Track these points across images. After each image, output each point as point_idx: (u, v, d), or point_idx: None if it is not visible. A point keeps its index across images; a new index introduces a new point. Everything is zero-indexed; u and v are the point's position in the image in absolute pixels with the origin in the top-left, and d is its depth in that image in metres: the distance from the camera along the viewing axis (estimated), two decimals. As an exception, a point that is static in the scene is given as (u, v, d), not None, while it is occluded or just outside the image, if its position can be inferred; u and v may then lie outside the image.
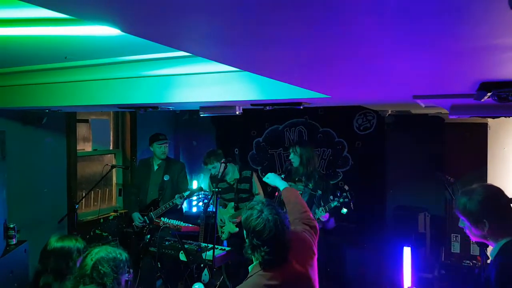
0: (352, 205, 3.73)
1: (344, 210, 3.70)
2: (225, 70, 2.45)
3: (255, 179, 4.64)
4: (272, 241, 1.86)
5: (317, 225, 2.27)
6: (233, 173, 4.57)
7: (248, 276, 1.97)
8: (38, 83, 3.30)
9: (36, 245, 3.84)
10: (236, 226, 4.49)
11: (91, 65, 2.65)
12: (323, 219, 3.81)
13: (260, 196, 4.59)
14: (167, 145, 4.82)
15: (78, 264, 2.34)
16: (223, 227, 4.61)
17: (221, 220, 4.60)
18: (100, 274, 1.85)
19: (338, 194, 3.74)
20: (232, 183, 4.56)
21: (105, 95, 3.13)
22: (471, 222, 1.96)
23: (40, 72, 2.95)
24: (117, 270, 1.88)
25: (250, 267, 2.01)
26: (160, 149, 4.75)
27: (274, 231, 1.86)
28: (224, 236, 4.62)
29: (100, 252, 1.91)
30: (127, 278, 1.95)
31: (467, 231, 2.02)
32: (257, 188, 4.61)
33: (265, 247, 1.86)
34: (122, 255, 1.97)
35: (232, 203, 4.55)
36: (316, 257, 2.10)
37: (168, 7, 0.83)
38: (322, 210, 3.77)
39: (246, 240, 1.95)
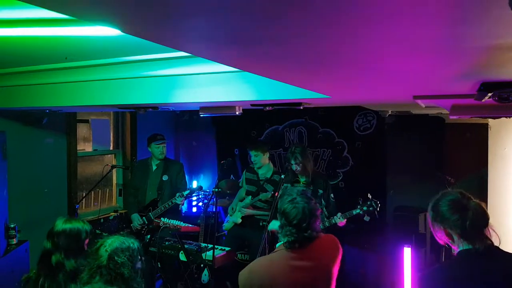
0: (377, 214, 3.68)
1: (367, 218, 3.67)
2: (225, 71, 2.45)
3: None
4: (297, 224, 2.06)
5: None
6: (266, 171, 4.58)
7: (273, 251, 2.21)
8: (38, 84, 3.30)
9: (36, 245, 3.84)
10: (242, 218, 4.51)
11: (91, 65, 2.65)
12: (340, 225, 3.75)
13: None
14: (165, 145, 4.81)
15: (85, 247, 2.43)
16: (231, 216, 4.64)
17: (232, 208, 4.64)
18: (117, 264, 1.86)
19: (360, 202, 3.67)
20: (261, 179, 4.57)
21: (105, 95, 3.13)
22: None
23: (40, 72, 2.95)
24: (132, 259, 1.90)
25: (277, 245, 2.25)
26: (158, 149, 4.75)
27: (301, 215, 2.06)
28: (228, 226, 4.64)
29: (114, 242, 1.93)
30: (140, 267, 1.96)
31: None
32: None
33: (291, 227, 2.06)
34: (135, 244, 1.99)
35: (250, 197, 4.54)
36: (337, 266, 2.22)
37: (168, 7, 0.83)
38: (341, 216, 3.71)
39: (278, 222, 2.17)
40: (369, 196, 3.67)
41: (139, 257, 1.97)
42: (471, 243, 1.81)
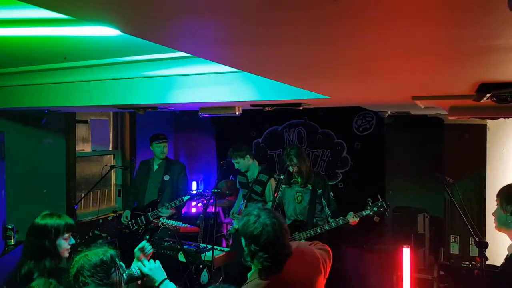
0: (387, 214, 3.63)
1: (377, 218, 3.63)
2: (224, 71, 2.45)
3: (271, 185, 4.62)
4: (271, 246, 1.80)
5: (330, 251, 2.21)
6: (253, 172, 4.61)
7: (245, 283, 1.90)
8: (37, 84, 3.29)
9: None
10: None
11: (90, 65, 2.65)
12: (352, 224, 3.71)
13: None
14: (167, 145, 4.83)
15: (62, 245, 2.25)
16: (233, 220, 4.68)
17: (232, 213, 4.70)
18: (80, 285, 1.78)
19: (370, 203, 3.63)
20: (250, 180, 4.58)
21: (104, 95, 3.13)
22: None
23: (39, 72, 2.95)
24: (100, 275, 1.79)
25: (248, 274, 1.95)
26: (159, 149, 4.77)
27: (272, 235, 1.80)
28: (231, 230, 4.67)
29: (80, 259, 1.83)
30: (117, 276, 1.87)
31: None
32: (270, 195, 4.60)
33: (263, 252, 1.80)
34: (107, 253, 1.86)
35: (237, 204, 4.60)
36: (323, 276, 2.02)
37: (167, 7, 0.83)
38: (355, 216, 3.66)
39: (245, 248, 1.89)
40: (379, 197, 3.63)
41: (114, 266, 1.85)
42: None
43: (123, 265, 1.94)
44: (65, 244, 2.29)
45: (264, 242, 1.79)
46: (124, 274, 1.93)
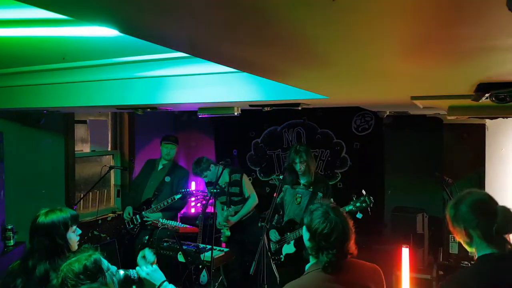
0: (370, 211, 3.47)
1: (360, 215, 3.45)
2: (223, 71, 2.45)
3: (245, 181, 4.61)
4: (340, 243, 1.87)
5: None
6: (224, 177, 4.55)
7: (306, 273, 1.95)
8: (36, 84, 3.29)
9: (34, 246, 3.83)
10: (229, 229, 4.48)
11: (89, 66, 2.65)
12: None
13: (253, 196, 4.59)
14: (174, 147, 4.84)
15: (72, 238, 2.21)
16: (222, 230, 4.59)
17: (219, 223, 4.57)
18: None
19: (354, 198, 3.51)
20: (223, 186, 4.56)
21: (103, 96, 3.13)
22: None
23: (38, 73, 2.95)
24: (84, 282, 1.75)
25: (307, 266, 1.99)
26: (166, 150, 4.81)
27: (342, 235, 1.88)
28: (224, 239, 4.60)
29: (64, 268, 1.79)
30: (104, 277, 1.84)
31: None
32: (247, 190, 4.61)
33: (333, 249, 1.86)
34: (91, 258, 1.82)
35: (225, 207, 4.55)
36: None
37: (166, 7, 0.83)
38: None
39: (310, 243, 1.93)
40: (363, 192, 3.49)
41: (98, 271, 1.82)
42: (495, 248, 1.74)
43: (112, 267, 1.90)
44: (74, 236, 2.27)
45: (334, 240, 1.86)
46: (114, 278, 1.90)
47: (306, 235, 1.96)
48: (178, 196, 4.48)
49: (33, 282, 2.12)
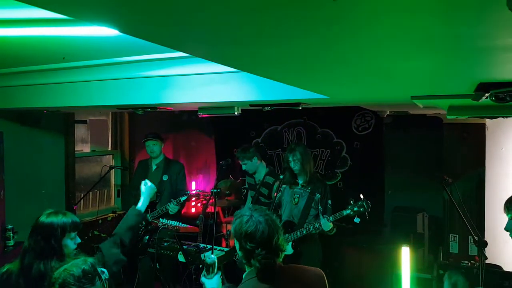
0: (367, 215, 3.49)
1: (357, 219, 3.47)
2: (223, 71, 2.45)
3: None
4: (267, 242, 1.79)
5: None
6: (260, 174, 4.58)
7: (242, 283, 1.87)
8: (36, 84, 3.29)
9: (34, 246, 3.83)
10: None
11: (89, 65, 2.65)
12: (328, 233, 3.62)
13: None
14: (156, 143, 4.76)
15: (69, 245, 2.18)
16: None
17: None
18: None
19: (352, 202, 3.49)
20: (257, 182, 4.57)
21: (103, 95, 3.13)
22: None
23: (38, 72, 2.95)
24: (86, 286, 1.73)
25: (244, 275, 1.91)
26: (148, 148, 4.75)
27: (268, 231, 1.80)
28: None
29: (61, 275, 1.75)
30: (101, 280, 1.83)
31: None
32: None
33: (260, 249, 1.78)
34: (87, 262, 1.80)
35: (251, 203, 4.55)
36: None
37: (167, 7, 0.83)
38: (331, 218, 3.55)
39: (239, 251, 1.87)
40: (361, 196, 3.50)
41: (97, 274, 1.79)
42: None
43: (105, 270, 1.89)
44: (71, 243, 2.22)
45: (260, 239, 1.79)
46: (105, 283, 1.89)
47: (236, 244, 1.88)
48: (183, 198, 4.47)
49: (29, 280, 2.11)
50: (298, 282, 1.87)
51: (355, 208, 3.48)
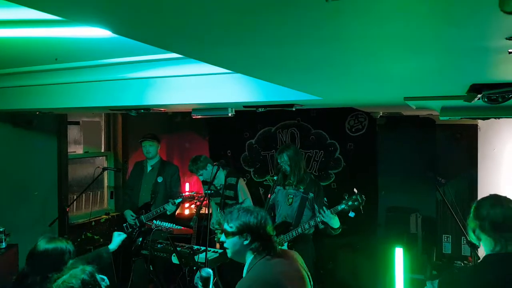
0: (362, 209, 3.50)
1: (352, 214, 3.48)
2: (217, 72, 2.44)
3: (241, 186, 4.56)
4: (269, 225, 2.07)
5: None
6: (220, 178, 4.51)
7: (251, 266, 2.03)
8: (28, 85, 3.27)
9: (26, 248, 3.79)
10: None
11: (82, 67, 2.63)
12: (334, 232, 3.61)
13: (248, 201, 4.54)
14: (152, 144, 4.76)
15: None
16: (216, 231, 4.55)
17: (213, 224, 4.53)
18: None
19: (346, 197, 3.52)
20: (219, 188, 4.53)
21: (96, 97, 3.11)
22: None
23: (30, 74, 2.92)
24: None
25: (245, 269, 2.09)
26: (144, 148, 4.76)
27: (265, 217, 2.08)
28: (217, 239, 4.56)
29: (61, 286, 1.74)
30: (103, 287, 1.82)
31: None
32: (241, 195, 4.54)
33: (271, 230, 2.06)
34: (86, 271, 1.80)
35: (218, 209, 4.52)
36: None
37: (159, 8, 0.82)
38: (332, 210, 3.56)
39: (245, 242, 2.06)
40: (355, 190, 3.52)
41: (96, 284, 1.79)
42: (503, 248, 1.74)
43: (105, 278, 1.87)
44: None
45: (262, 222, 2.04)
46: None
47: (241, 239, 2.07)
48: (178, 201, 4.45)
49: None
50: (289, 255, 2.19)
51: (350, 203, 3.49)
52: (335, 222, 3.59)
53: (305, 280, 2.10)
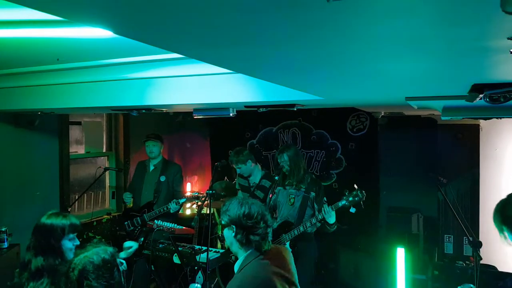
0: (362, 204, 3.51)
1: (353, 209, 3.50)
2: (218, 72, 2.44)
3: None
4: (263, 220, 2.05)
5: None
6: (255, 177, 4.53)
7: (242, 267, 2.02)
8: (30, 85, 3.27)
9: (28, 248, 3.81)
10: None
11: (83, 67, 2.64)
12: (330, 228, 3.62)
13: None
14: (156, 144, 4.78)
15: (66, 245, 2.27)
16: None
17: None
18: None
19: (346, 193, 3.54)
20: (252, 185, 4.54)
21: (98, 97, 3.12)
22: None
23: (32, 74, 2.93)
24: (106, 275, 1.76)
25: (236, 265, 2.09)
26: (147, 148, 4.77)
27: (262, 212, 2.06)
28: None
29: (81, 262, 1.77)
30: (117, 276, 1.84)
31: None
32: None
33: (260, 224, 2.03)
34: (107, 252, 1.83)
35: None
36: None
37: (161, 9, 0.82)
38: (332, 206, 3.58)
39: (235, 238, 2.05)
40: (355, 186, 3.53)
41: (115, 266, 1.82)
42: None
43: (124, 262, 1.91)
44: (69, 244, 2.31)
45: (257, 217, 2.03)
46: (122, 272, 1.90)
47: (230, 231, 2.07)
48: (183, 200, 4.46)
49: (28, 275, 2.18)
50: (282, 255, 2.17)
51: (350, 198, 3.51)
52: (332, 218, 3.61)
53: (295, 279, 2.11)
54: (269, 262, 2.03)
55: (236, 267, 2.10)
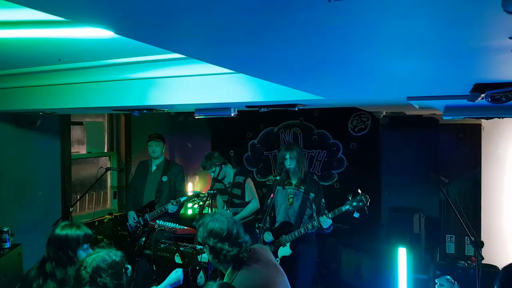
0: (366, 209, 3.50)
1: (357, 214, 3.48)
2: (219, 72, 2.44)
3: (248, 185, 4.59)
4: (230, 236, 2.12)
5: None
6: (229, 176, 4.56)
7: (232, 277, 2.08)
8: (32, 86, 3.28)
9: (30, 248, 3.82)
10: None
11: (85, 67, 2.64)
12: (326, 230, 3.63)
13: (254, 201, 4.57)
14: (158, 144, 4.80)
15: (81, 255, 2.30)
16: None
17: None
18: (99, 285, 1.80)
19: (350, 198, 3.52)
20: (227, 186, 4.56)
21: (99, 97, 3.12)
22: None
23: (34, 74, 2.93)
24: (116, 275, 1.83)
25: (225, 278, 2.16)
26: (150, 148, 4.80)
27: (227, 227, 2.14)
28: None
29: (94, 261, 1.84)
30: (126, 279, 1.91)
31: None
32: (249, 195, 4.58)
33: (228, 243, 2.11)
34: (118, 255, 1.92)
35: (225, 205, 4.56)
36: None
37: (162, 9, 0.82)
38: (330, 214, 3.56)
39: (211, 253, 2.17)
40: (359, 191, 3.52)
41: (124, 269, 1.90)
42: None
43: (129, 266, 1.96)
44: (83, 254, 2.34)
45: (225, 235, 2.11)
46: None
47: (207, 247, 2.19)
48: (183, 199, 4.48)
49: (52, 285, 2.25)
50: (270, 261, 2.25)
51: (354, 203, 3.49)
52: (327, 224, 3.62)
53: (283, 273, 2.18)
54: (256, 268, 2.10)
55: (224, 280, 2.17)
